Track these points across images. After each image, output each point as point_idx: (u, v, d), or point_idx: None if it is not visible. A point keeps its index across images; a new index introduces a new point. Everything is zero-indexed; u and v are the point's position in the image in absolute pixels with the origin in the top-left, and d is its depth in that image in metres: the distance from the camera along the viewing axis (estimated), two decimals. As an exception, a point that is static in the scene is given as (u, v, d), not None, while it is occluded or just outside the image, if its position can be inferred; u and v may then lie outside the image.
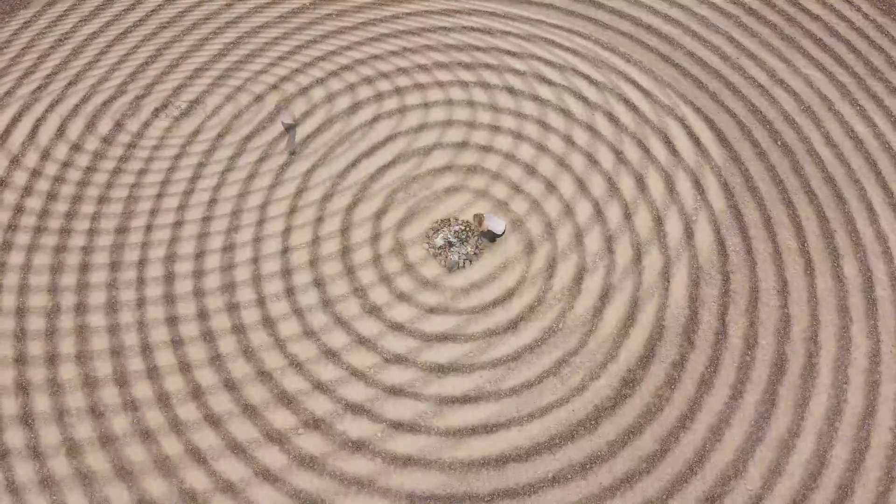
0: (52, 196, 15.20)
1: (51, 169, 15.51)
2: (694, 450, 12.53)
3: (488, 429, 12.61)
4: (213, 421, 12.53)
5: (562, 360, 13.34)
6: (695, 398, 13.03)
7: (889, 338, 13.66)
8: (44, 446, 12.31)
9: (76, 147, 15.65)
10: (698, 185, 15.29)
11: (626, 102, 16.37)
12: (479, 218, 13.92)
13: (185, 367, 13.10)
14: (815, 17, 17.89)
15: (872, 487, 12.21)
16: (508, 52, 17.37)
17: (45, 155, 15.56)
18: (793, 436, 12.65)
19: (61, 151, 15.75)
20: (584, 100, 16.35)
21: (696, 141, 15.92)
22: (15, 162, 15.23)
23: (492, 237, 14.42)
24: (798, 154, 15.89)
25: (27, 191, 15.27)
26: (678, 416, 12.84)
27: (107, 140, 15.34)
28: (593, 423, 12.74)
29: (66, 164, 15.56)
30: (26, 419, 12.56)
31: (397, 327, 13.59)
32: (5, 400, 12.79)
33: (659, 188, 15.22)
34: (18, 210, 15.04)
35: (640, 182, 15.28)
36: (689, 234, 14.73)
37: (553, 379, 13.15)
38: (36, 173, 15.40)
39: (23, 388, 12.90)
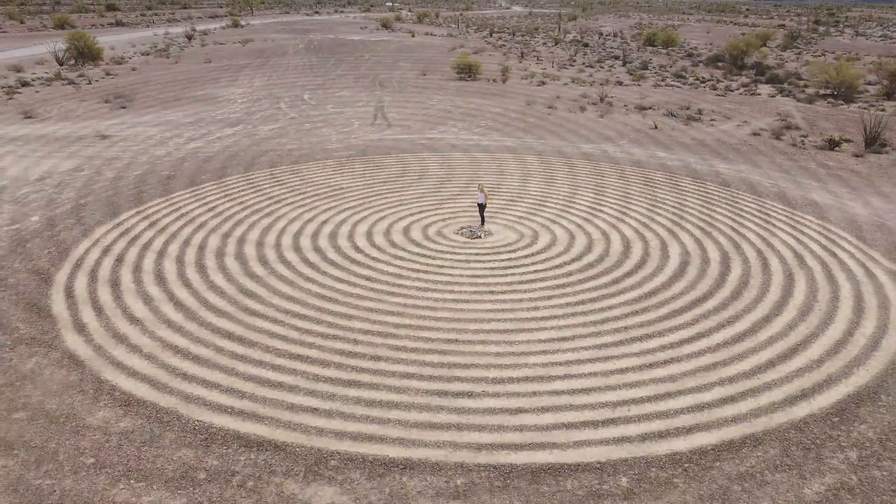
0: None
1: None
2: (643, 278, 19.23)
3: (502, 273, 19.41)
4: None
5: (550, 257, 20.82)
6: (638, 264, 20.23)
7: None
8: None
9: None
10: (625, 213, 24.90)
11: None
12: (481, 186, 23.07)
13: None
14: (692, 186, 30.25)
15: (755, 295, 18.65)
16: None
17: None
18: (699, 277, 19.53)
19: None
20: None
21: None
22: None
23: (481, 208, 23.17)
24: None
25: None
26: (630, 268, 19.89)
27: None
28: (575, 273, 19.60)
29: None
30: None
31: (440, 253, 21.27)
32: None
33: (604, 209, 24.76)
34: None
35: (596, 208, 24.89)
36: (616, 227, 23.69)
37: (545, 263, 20.39)
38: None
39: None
